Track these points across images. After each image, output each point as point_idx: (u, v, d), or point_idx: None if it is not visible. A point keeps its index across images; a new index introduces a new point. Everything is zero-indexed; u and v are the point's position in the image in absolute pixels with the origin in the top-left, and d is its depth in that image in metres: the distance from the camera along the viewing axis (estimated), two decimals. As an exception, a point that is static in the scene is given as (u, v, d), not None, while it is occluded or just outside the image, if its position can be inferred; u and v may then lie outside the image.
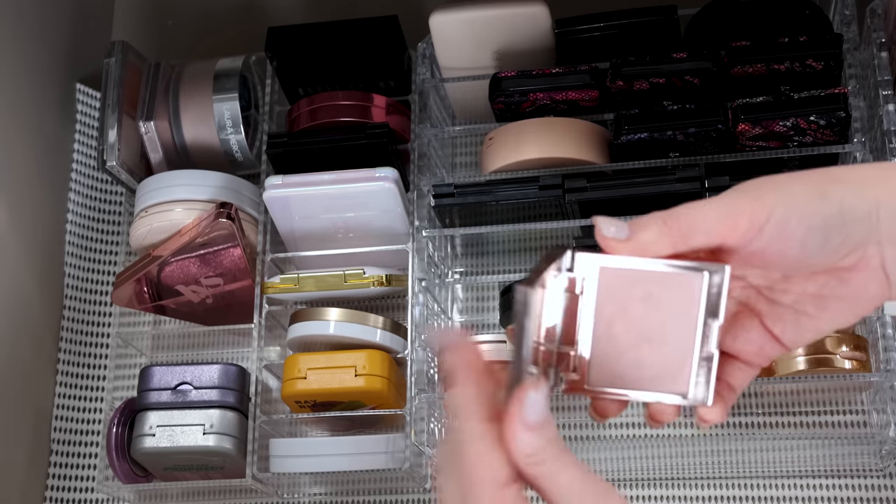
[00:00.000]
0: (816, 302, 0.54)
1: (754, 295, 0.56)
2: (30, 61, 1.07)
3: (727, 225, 0.51)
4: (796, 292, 0.54)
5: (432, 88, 1.00)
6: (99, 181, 1.14)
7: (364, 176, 0.95)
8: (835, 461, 0.92)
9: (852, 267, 0.52)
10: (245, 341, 1.05)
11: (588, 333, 0.54)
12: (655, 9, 0.95)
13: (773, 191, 0.51)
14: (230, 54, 1.08)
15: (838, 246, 0.51)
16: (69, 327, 1.09)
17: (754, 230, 0.51)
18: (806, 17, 0.94)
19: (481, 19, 0.96)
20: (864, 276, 0.53)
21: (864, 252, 0.52)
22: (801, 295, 0.54)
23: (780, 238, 0.51)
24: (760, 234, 0.51)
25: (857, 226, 0.51)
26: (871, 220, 0.51)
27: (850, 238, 0.51)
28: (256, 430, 0.95)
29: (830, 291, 0.53)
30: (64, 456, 1.05)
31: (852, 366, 0.87)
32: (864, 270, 0.52)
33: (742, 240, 0.51)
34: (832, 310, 0.54)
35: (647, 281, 0.53)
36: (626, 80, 0.92)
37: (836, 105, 0.88)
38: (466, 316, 1.04)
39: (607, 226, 0.52)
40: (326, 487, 1.00)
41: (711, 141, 0.91)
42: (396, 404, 0.95)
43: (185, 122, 1.05)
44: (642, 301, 0.53)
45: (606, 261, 0.53)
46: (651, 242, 0.52)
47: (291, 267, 1.02)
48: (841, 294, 0.53)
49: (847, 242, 0.51)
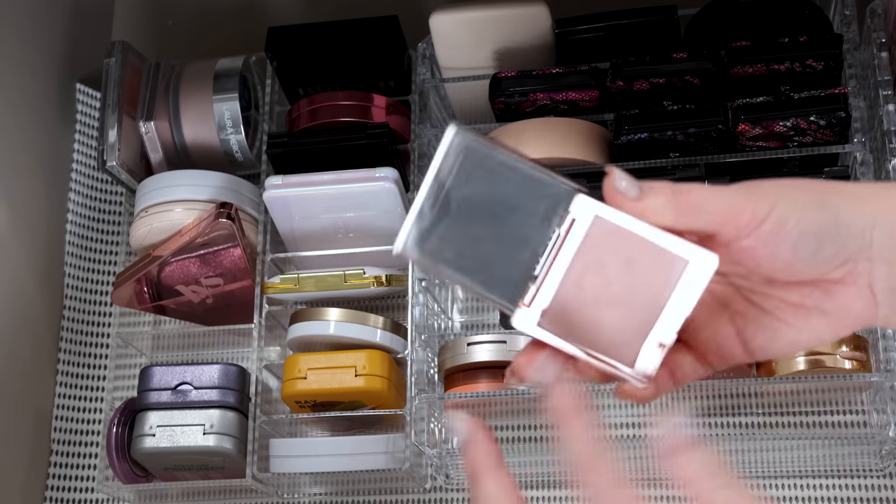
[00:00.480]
0: (797, 312, 0.53)
1: (732, 292, 0.55)
2: (30, 61, 1.07)
3: (730, 213, 0.51)
4: (778, 298, 0.53)
5: (432, 88, 1.00)
6: (99, 181, 1.14)
7: (364, 176, 0.95)
8: (835, 461, 0.92)
9: (840, 280, 0.52)
10: (245, 341, 1.05)
11: (558, 276, 0.52)
12: (655, 9, 0.95)
13: (776, 191, 0.51)
14: (230, 54, 1.08)
15: (830, 257, 0.51)
16: (69, 327, 1.09)
17: (754, 224, 0.50)
18: (806, 17, 0.94)
19: (481, 19, 0.96)
20: (850, 292, 0.52)
21: (853, 267, 0.51)
22: (782, 302, 0.53)
23: (775, 237, 0.50)
24: (758, 229, 0.50)
25: (851, 240, 0.51)
26: (865, 237, 0.51)
27: (842, 251, 0.51)
28: (256, 430, 0.95)
29: (813, 303, 0.53)
30: (64, 456, 1.05)
31: (852, 366, 0.87)
32: (852, 286, 0.52)
33: (739, 232, 0.51)
34: (812, 322, 0.53)
35: (635, 246, 0.52)
36: (626, 80, 0.92)
37: (836, 105, 0.88)
38: (466, 316, 1.04)
39: (620, 179, 0.52)
40: (326, 487, 1.00)
41: (711, 141, 0.91)
42: (396, 404, 0.95)
43: (185, 122, 1.05)
44: (622, 263, 0.52)
45: (604, 211, 0.52)
46: (655, 209, 0.51)
47: (291, 267, 1.02)
48: (824, 307, 0.53)
49: (839, 255, 0.51)
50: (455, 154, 0.52)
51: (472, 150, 0.52)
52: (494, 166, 0.52)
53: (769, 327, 0.54)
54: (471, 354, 0.93)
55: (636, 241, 0.52)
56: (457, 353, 0.93)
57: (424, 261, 0.53)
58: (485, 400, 0.92)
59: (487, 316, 1.04)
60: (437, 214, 0.52)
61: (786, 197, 0.51)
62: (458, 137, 0.52)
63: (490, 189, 0.52)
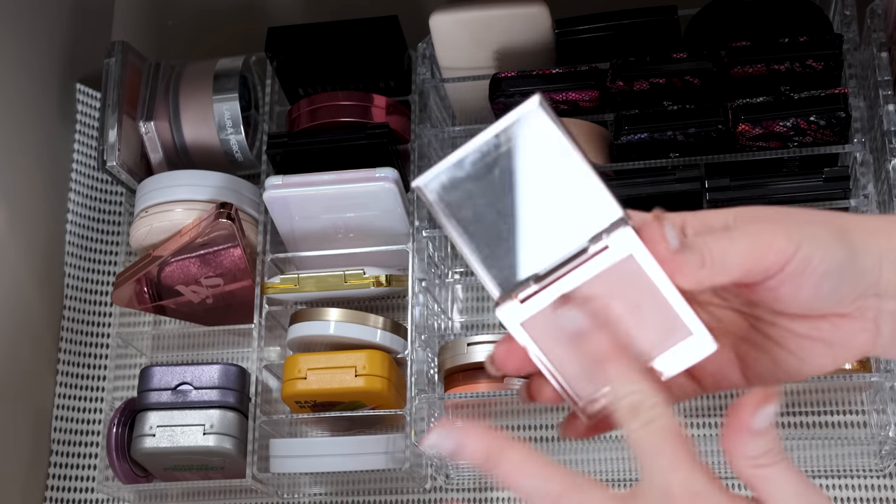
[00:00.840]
0: (802, 343, 0.52)
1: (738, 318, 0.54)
2: (30, 61, 1.07)
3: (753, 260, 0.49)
4: (784, 328, 0.53)
5: (432, 88, 1.00)
6: (99, 181, 1.14)
7: (364, 176, 0.95)
8: (835, 461, 0.92)
9: (847, 315, 0.51)
10: (245, 341, 1.05)
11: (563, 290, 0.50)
12: (655, 9, 0.95)
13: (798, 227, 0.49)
14: (230, 54, 1.08)
15: (845, 294, 0.50)
16: (69, 327, 1.09)
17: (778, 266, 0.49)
18: (806, 17, 0.94)
19: (481, 19, 0.96)
20: (856, 326, 0.51)
21: (863, 303, 0.51)
22: (788, 332, 0.53)
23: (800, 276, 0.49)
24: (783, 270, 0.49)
25: (864, 276, 0.50)
26: (874, 273, 0.50)
27: (856, 287, 0.50)
28: (256, 431, 0.95)
29: (819, 335, 0.52)
30: (64, 456, 1.05)
31: (852, 366, 0.87)
32: (858, 320, 0.51)
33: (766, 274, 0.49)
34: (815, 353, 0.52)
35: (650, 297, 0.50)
36: (627, 80, 0.92)
37: (836, 105, 0.88)
38: (466, 316, 1.04)
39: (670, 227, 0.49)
40: (326, 487, 1.00)
41: (711, 141, 0.91)
42: (396, 404, 0.95)
43: (185, 123, 1.05)
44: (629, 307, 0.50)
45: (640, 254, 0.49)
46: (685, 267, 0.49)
47: (291, 267, 1.02)
48: (829, 339, 0.52)
49: (854, 290, 0.50)
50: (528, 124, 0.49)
51: (545, 129, 0.49)
52: (558, 154, 0.49)
53: (772, 355, 0.53)
54: (471, 354, 0.93)
55: (653, 293, 0.49)
56: (457, 354, 0.93)
57: (438, 207, 0.50)
58: (485, 400, 0.92)
59: (487, 316, 1.04)
60: (476, 171, 0.49)
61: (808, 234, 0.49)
62: (540, 111, 0.49)
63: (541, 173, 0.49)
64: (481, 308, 1.04)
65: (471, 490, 0.98)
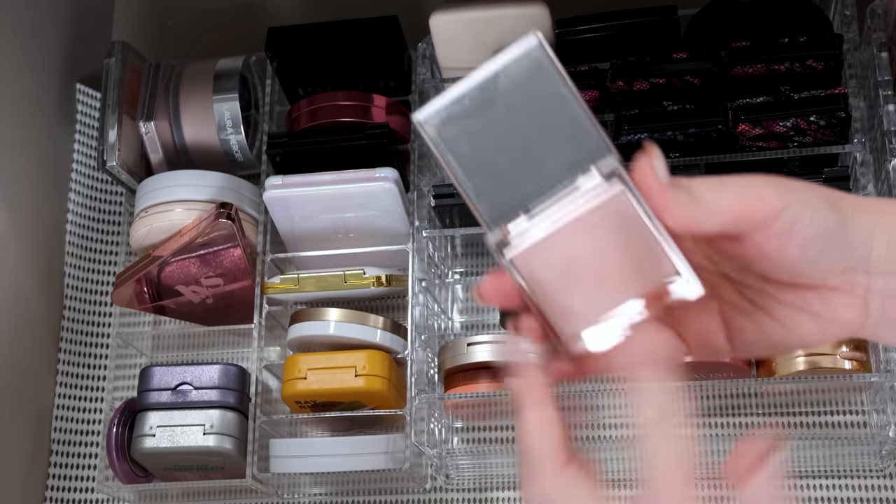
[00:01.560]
0: (788, 312, 0.53)
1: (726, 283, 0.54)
2: (30, 61, 1.07)
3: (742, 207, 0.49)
4: (771, 296, 0.53)
5: (432, 88, 1.00)
6: (99, 181, 1.14)
7: (364, 176, 0.95)
8: (835, 461, 0.92)
9: (836, 288, 0.52)
10: (245, 341, 1.05)
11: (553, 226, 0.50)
12: (655, 9, 0.95)
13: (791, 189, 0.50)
14: (230, 54, 1.08)
15: (833, 262, 0.51)
16: (69, 327, 1.09)
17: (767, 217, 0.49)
18: (806, 17, 0.94)
19: (481, 19, 0.96)
20: (844, 301, 0.52)
21: (852, 277, 0.51)
22: (775, 300, 0.53)
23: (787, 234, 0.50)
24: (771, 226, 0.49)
25: (853, 249, 0.51)
26: (865, 248, 0.51)
27: (844, 258, 0.51)
28: (256, 431, 0.95)
29: (808, 306, 0.52)
30: (64, 456, 1.06)
31: (852, 366, 0.87)
32: (847, 295, 0.52)
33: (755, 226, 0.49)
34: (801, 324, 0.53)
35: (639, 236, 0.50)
36: (626, 80, 0.92)
37: (836, 105, 0.88)
38: (466, 316, 1.04)
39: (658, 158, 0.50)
40: (326, 487, 1.00)
41: (711, 141, 0.91)
42: (396, 405, 0.95)
43: (185, 123, 1.05)
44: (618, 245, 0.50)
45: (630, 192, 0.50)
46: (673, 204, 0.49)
47: (291, 267, 1.02)
48: (816, 311, 0.52)
49: (841, 261, 0.51)
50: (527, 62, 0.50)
51: (544, 68, 0.50)
52: (554, 93, 0.50)
53: (758, 323, 0.53)
54: (471, 354, 0.93)
55: (643, 232, 0.50)
56: (457, 354, 0.93)
57: (436, 141, 0.50)
58: (485, 400, 0.92)
59: (487, 316, 1.04)
60: (474, 107, 0.50)
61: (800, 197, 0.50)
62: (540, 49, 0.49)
63: (537, 110, 0.50)
64: (481, 308, 1.04)
65: (471, 490, 0.99)
